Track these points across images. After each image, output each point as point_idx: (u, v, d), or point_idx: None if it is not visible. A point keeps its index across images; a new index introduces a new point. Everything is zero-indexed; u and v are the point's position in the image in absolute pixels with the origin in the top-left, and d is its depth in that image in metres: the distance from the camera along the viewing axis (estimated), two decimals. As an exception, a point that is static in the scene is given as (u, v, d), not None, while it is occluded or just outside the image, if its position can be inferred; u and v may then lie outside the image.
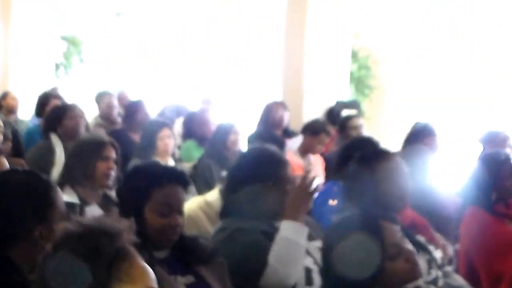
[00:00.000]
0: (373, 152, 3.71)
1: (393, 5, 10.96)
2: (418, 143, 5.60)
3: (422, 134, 6.10)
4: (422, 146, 5.36)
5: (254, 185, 3.25)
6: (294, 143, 6.79)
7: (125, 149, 4.30)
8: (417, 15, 10.74)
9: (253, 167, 3.32)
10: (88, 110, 7.44)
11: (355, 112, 8.04)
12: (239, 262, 3.09)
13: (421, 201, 4.13)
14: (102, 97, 8.36)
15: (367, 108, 10.72)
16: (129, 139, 6.52)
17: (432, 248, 3.58)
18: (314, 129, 6.75)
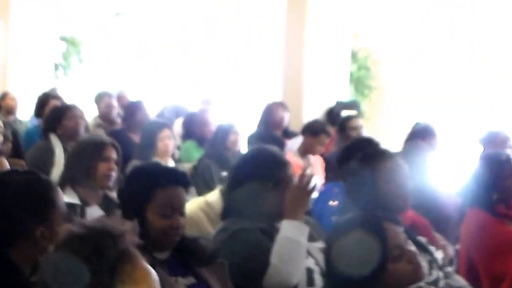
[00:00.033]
0: (374, 152, 3.70)
1: (392, 5, 10.95)
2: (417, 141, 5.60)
3: (422, 134, 6.10)
4: (421, 143, 5.36)
5: (255, 185, 3.25)
6: (294, 143, 6.79)
7: (124, 150, 4.29)
8: (417, 15, 10.72)
9: (254, 167, 3.32)
10: (87, 111, 7.42)
11: (354, 113, 8.04)
12: (241, 262, 3.09)
13: (421, 201, 4.12)
14: (101, 98, 8.35)
15: (366, 108, 10.71)
16: (128, 139, 6.50)
17: (433, 248, 3.58)
18: (314, 129, 6.74)
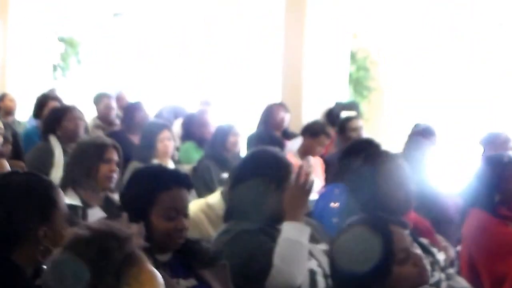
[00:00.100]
0: (376, 153, 3.69)
1: (391, 5, 10.95)
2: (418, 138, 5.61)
3: (422, 135, 6.10)
4: (421, 139, 5.36)
5: (257, 186, 3.24)
6: (293, 144, 6.77)
7: (123, 151, 4.27)
8: (416, 15, 10.72)
9: (256, 168, 3.31)
10: (86, 112, 7.41)
11: (354, 114, 8.03)
12: (243, 264, 3.09)
13: (422, 202, 4.11)
14: (100, 99, 8.34)
15: (365, 109, 10.71)
16: (127, 140, 6.49)
17: (435, 250, 3.58)
18: (313, 130, 6.73)
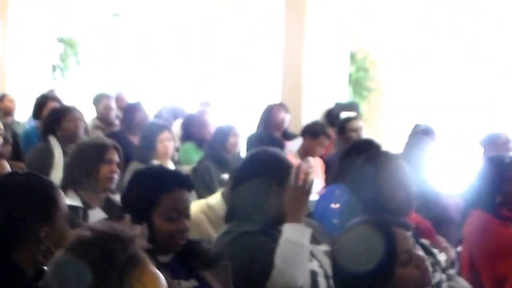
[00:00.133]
0: (377, 154, 3.69)
1: (391, 5, 10.95)
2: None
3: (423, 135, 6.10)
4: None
5: (259, 186, 3.23)
6: (293, 145, 6.76)
7: (123, 152, 4.26)
8: (416, 15, 10.72)
9: (257, 168, 3.30)
10: (86, 112, 7.41)
11: (354, 114, 8.03)
12: (245, 265, 3.09)
13: (423, 203, 4.11)
14: (99, 99, 8.33)
15: (365, 110, 10.72)
16: (127, 141, 6.48)
17: (436, 251, 3.57)
18: (313, 131, 6.72)
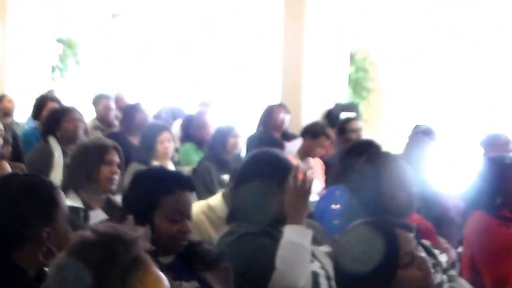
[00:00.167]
0: (378, 154, 3.68)
1: (390, 5, 10.95)
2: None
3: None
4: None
5: (260, 188, 3.22)
6: (293, 146, 6.75)
7: (123, 152, 4.26)
8: (416, 15, 10.73)
9: (258, 169, 3.29)
10: (85, 113, 7.40)
11: (353, 115, 8.02)
12: (246, 266, 3.08)
13: (423, 203, 4.11)
14: (99, 100, 8.34)
15: (364, 110, 10.72)
16: (127, 142, 6.47)
17: (437, 252, 3.57)
18: (314, 131, 6.71)
